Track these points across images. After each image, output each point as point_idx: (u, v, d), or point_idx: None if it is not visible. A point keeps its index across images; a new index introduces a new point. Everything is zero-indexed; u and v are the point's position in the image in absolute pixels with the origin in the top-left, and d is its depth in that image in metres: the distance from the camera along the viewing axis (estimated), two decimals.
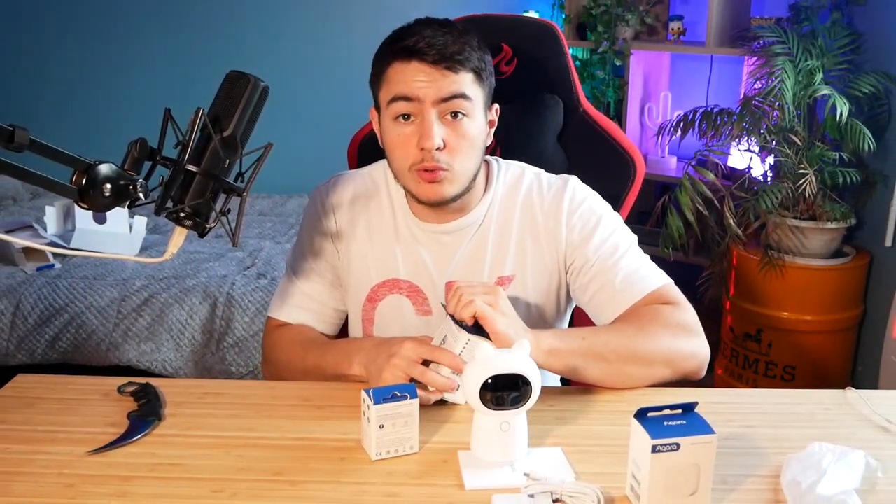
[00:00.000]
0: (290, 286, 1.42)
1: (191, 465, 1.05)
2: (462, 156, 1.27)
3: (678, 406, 0.96)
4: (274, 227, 3.32)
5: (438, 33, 1.23)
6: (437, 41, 1.22)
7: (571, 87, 1.61)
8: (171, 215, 1.05)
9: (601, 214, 1.36)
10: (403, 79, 1.24)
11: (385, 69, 1.27)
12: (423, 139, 1.24)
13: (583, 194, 1.37)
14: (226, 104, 1.06)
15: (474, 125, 1.27)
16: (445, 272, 1.37)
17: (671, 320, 1.24)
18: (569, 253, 1.36)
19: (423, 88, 1.23)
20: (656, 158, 3.34)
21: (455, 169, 1.27)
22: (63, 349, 2.48)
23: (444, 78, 1.23)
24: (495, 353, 1.04)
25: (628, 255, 1.32)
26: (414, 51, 1.23)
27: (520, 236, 1.37)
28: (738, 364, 2.85)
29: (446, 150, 1.25)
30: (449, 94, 1.23)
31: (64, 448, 1.09)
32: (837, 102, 2.49)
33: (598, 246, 1.33)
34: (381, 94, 1.28)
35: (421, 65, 1.23)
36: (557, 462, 1.06)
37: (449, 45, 1.23)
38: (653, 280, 1.30)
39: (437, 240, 1.37)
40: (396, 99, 1.25)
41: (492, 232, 1.37)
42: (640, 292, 1.28)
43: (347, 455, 1.08)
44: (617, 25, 3.21)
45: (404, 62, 1.24)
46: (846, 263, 2.70)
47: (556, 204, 1.36)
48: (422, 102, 1.23)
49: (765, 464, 1.06)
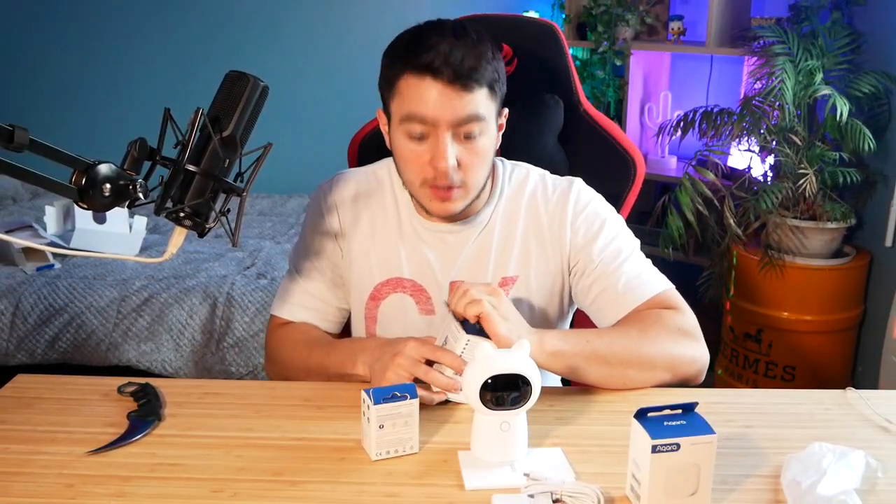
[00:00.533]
0: (292, 284, 1.42)
1: (191, 466, 1.05)
2: (474, 171, 1.27)
3: (678, 406, 0.96)
4: (274, 227, 3.32)
5: (455, 48, 1.18)
6: (453, 57, 1.18)
7: (572, 87, 1.61)
8: (171, 215, 1.05)
9: (605, 217, 1.36)
10: (417, 97, 1.20)
11: (396, 79, 1.23)
12: (438, 160, 1.22)
13: (587, 197, 1.38)
14: (225, 104, 1.06)
15: (487, 140, 1.26)
16: (449, 272, 1.37)
17: (672, 325, 1.25)
18: (572, 255, 1.36)
19: (438, 110, 1.20)
20: (656, 158, 3.34)
21: (468, 184, 1.27)
22: (63, 349, 2.48)
23: (459, 98, 1.20)
24: (495, 353, 1.04)
25: (631, 259, 1.33)
26: (428, 67, 1.18)
27: (524, 237, 1.37)
28: (739, 364, 2.85)
29: (460, 168, 1.25)
30: (464, 116, 1.21)
31: (64, 448, 1.09)
32: (837, 102, 2.49)
33: (602, 249, 1.33)
34: (393, 106, 1.26)
35: (435, 82, 1.19)
36: (557, 462, 1.06)
37: (465, 61, 1.19)
38: (655, 285, 1.30)
39: (441, 239, 1.37)
40: (410, 118, 1.22)
41: (496, 232, 1.37)
42: (641, 296, 1.29)
43: (347, 455, 1.08)
44: (617, 25, 3.21)
45: (418, 77, 1.20)
46: (846, 263, 2.70)
47: (560, 206, 1.36)
48: (436, 124, 1.21)
49: (765, 464, 1.06)
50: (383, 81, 1.27)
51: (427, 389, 1.18)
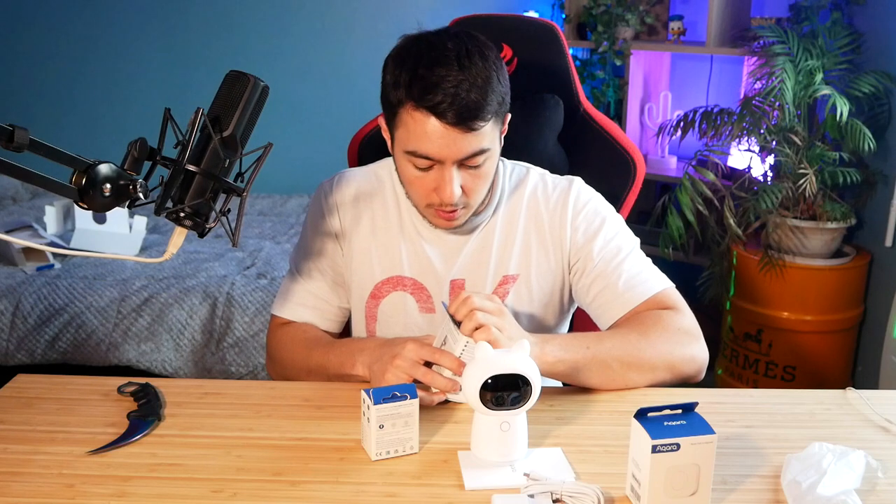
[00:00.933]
0: (293, 284, 1.43)
1: (190, 466, 1.05)
2: (478, 192, 1.28)
3: (678, 406, 0.96)
4: (274, 227, 3.32)
5: (459, 84, 1.15)
6: (458, 98, 1.15)
7: (572, 87, 1.61)
8: (171, 215, 1.05)
9: (605, 216, 1.36)
10: (422, 134, 1.19)
11: (400, 108, 1.20)
12: (442, 192, 1.23)
13: (587, 195, 1.38)
14: (226, 104, 1.06)
15: (491, 163, 1.26)
16: (450, 270, 1.37)
17: (672, 325, 1.25)
18: (573, 253, 1.36)
19: (444, 150, 1.19)
20: (656, 158, 3.34)
21: (471, 203, 1.29)
22: (63, 349, 2.48)
23: (464, 138, 1.18)
24: (495, 354, 1.04)
25: (631, 258, 1.33)
26: (434, 110, 1.16)
27: (525, 236, 1.37)
28: (739, 364, 2.85)
29: (464, 192, 1.25)
30: (469, 153, 1.20)
31: (64, 448, 1.09)
32: (838, 102, 2.49)
33: (602, 247, 1.33)
34: (396, 133, 1.24)
35: (439, 124, 1.17)
36: (557, 462, 1.06)
37: (470, 103, 1.16)
38: (655, 284, 1.31)
39: (442, 237, 1.37)
40: (415, 154, 1.21)
41: (497, 231, 1.37)
42: (641, 295, 1.29)
43: (347, 455, 1.08)
44: (617, 25, 3.21)
45: (423, 115, 1.18)
46: (846, 263, 2.70)
47: (561, 204, 1.37)
48: (442, 161, 1.21)
49: (765, 464, 1.06)
50: (386, 100, 1.24)
51: (426, 391, 1.18)
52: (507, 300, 1.37)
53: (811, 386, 2.66)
